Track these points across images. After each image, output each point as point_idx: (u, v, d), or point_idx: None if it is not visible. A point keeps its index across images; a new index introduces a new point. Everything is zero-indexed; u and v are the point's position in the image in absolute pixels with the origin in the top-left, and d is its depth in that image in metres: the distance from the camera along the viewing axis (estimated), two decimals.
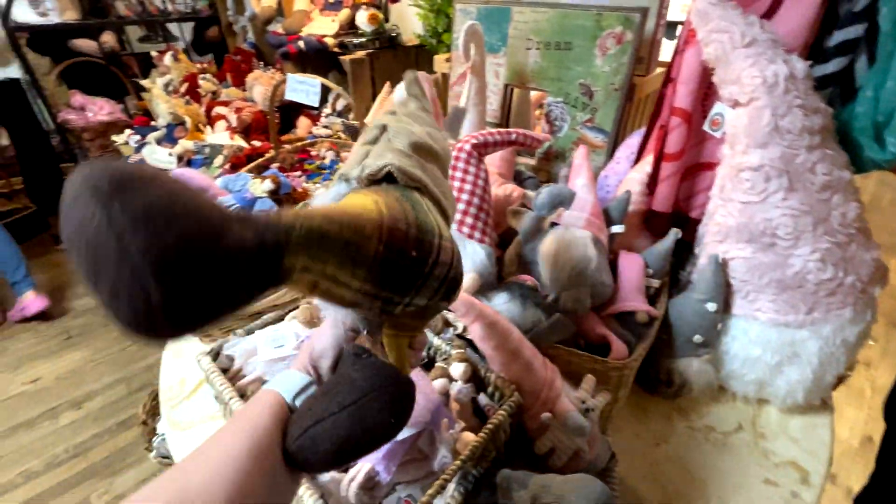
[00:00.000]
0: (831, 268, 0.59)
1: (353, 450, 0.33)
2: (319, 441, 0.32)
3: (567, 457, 0.52)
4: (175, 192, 0.23)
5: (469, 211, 0.68)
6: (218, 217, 0.24)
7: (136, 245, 0.21)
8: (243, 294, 0.27)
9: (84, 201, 0.22)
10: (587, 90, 0.98)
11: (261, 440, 0.32)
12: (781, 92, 0.55)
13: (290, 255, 0.27)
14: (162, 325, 0.23)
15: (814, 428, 0.68)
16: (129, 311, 0.22)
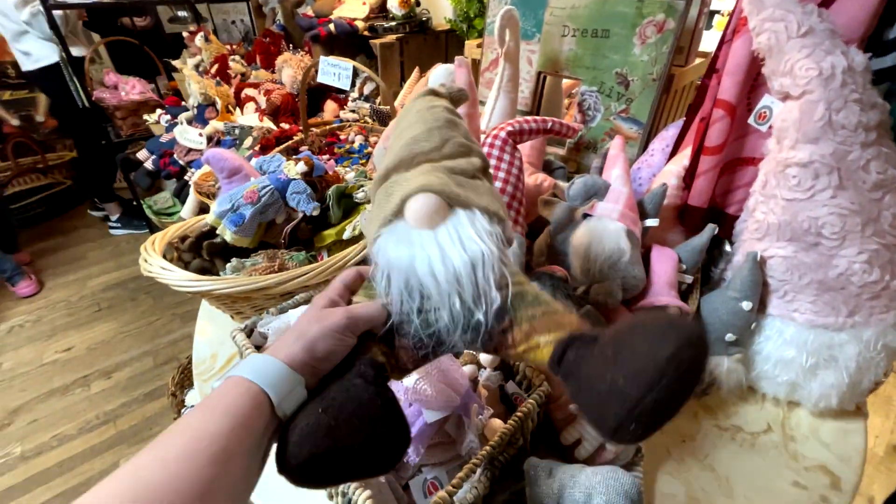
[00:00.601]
0: (878, 270, 0.57)
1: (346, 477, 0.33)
2: (327, 469, 0.31)
3: (593, 448, 0.53)
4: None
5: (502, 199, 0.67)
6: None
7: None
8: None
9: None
10: (623, 80, 0.96)
11: (236, 446, 0.29)
12: (838, 85, 0.53)
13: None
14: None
15: (846, 434, 0.66)
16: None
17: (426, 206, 0.36)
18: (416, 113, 0.43)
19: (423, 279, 0.35)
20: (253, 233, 0.76)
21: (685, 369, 0.27)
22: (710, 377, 0.67)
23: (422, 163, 0.40)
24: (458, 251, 0.35)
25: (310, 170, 0.76)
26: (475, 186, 0.40)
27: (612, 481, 0.45)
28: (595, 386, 0.30)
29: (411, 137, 0.40)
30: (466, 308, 0.36)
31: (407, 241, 0.36)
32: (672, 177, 0.77)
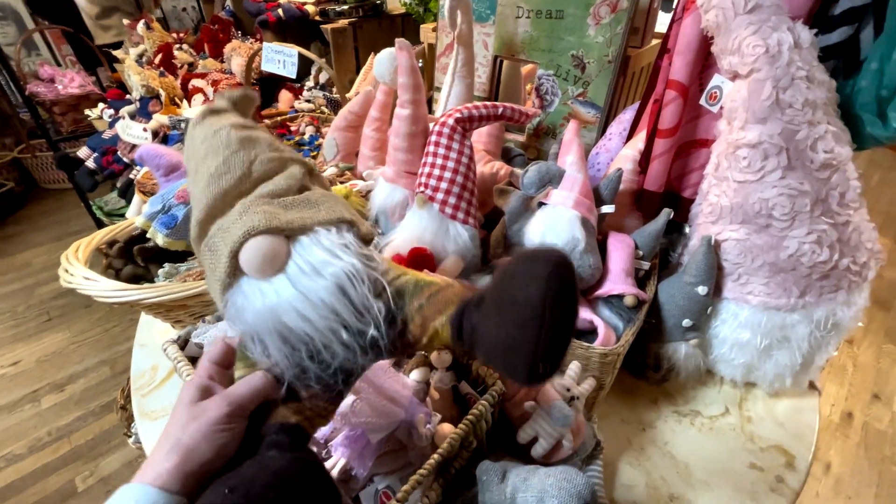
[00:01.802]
0: (827, 250, 0.57)
1: None
2: None
3: (550, 445, 0.51)
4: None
5: (452, 190, 0.64)
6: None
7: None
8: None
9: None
10: (579, 62, 0.93)
11: None
12: (785, 63, 0.52)
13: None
14: None
15: (800, 412, 0.67)
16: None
17: (260, 250, 0.32)
18: (201, 143, 0.36)
19: (297, 329, 0.32)
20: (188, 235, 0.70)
21: (560, 299, 0.27)
22: (669, 363, 0.67)
23: (235, 199, 0.34)
24: (319, 280, 0.32)
25: None
26: (306, 201, 0.35)
27: (565, 482, 0.43)
28: (494, 345, 0.30)
29: (209, 175, 0.34)
30: (354, 331, 0.33)
31: (259, 296, 0.32)
32: (627, 161, 0.75)
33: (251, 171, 0.35)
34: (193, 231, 0.35)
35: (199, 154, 0.36)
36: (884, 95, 0.59)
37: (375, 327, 0.33)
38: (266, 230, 0.32)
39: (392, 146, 0.69)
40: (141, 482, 0.29)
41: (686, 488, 0.57)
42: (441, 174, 0.64)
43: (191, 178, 0.36)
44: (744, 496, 0.57)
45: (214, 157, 0.34)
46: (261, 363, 0.35)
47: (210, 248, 0.33)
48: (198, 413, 0.31)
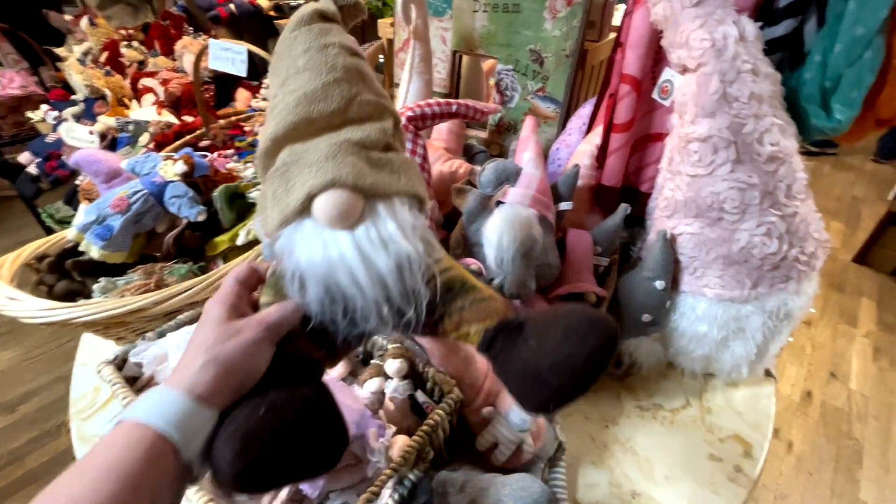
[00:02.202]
0: (776, 241, 0.58)
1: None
2: (272, 472, 0.28)
3: (510, 452, 0.50)
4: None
5: None
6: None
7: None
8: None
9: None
10: (537, 57, 0.92)
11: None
12: (730, 56, 0.52)
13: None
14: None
15: (757, 399, 0.68)
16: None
17: (339, 205, 0.31)
18: (303, 52, 0.33)
19: (346, 289, 0.32)
20: (128, 246, 0.66)
21: (599, 364, 0.30)
22: (630, 359, 0.67)
23: (322, 130, 0.33)
24: (382, 255, 0.32)
25: (190, 169, 0.67)
26: (390, 164, 0.34)
27: (522, 492, 0.42)
28: (521, 372, 0.32)
29: (303, 94, 0.32)
30: (395, 309, 0.33)
31: (320, 243, 0.32)
32: (585, 157, 0.75)
33: (348, 108, 0.33)
34: (264, 144, 0.33)
35: (295, 62, 0.33)
36: (827, 87, 0.60)
37: (416, 312, 0.33)
38: (351, 185, 0.31)
39: None
40: (176, 389, 0.28)
41: (648, 484, 0.58)
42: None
43: (275, 81, 0.34)
44: (704, 489, 0.57)
45: (315, 76, 0.33)
46: (292, 297, 0.34)
47: (282, 176, 0.32)
48: (234, 332, 0.31)
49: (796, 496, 1.41)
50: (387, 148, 0.35)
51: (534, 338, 0.32)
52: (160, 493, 0.26)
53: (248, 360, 0.31)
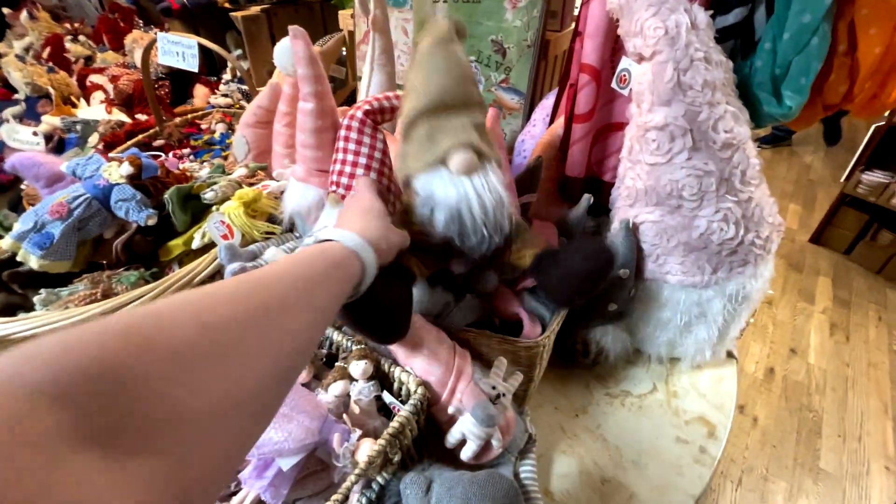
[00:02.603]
0: (733, 227, 0.59)
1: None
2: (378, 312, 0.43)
3: (478, 447, 0.49)
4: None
5: None
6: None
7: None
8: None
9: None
10: (500, 47, 0.91)
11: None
12: (683, 44, 0.52)
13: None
14: None
15: (720, 381, 0.70)
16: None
17: (469, 160, 0.46)
18: (444, 59, 0.48)
19: (464, 216, 0.48)
20: (72, 255, 0.62)
21: (602, 273, 0.53)
22: (598, 347, 0.68)
23: (451, 113, 0.48)
24: (489, 196, 0.48)
25: (137, 171, 0.63)
26: (487, 139, 0.50)
27: (490, 488, 0.42)
28: (556, 279, 0.52)
29: (442, 87, 0.47)
30: (490, 232, 0.49)
31: (451, 185, 0.47)
32: (549, 148, 0.75)
33: (468, 101, 0.49)
34: (408, 115, 0.49)
35: (439, 63, 0.47)
36: (777, 74, 0.61)
37: (501, 237, 0.50)
38: (476, 148, 0.47)
39: (299, 143, 0.64)
40: (362, 236, 0.39)
41: (617, 470, 0.58)
42: (353, 171, 0.60)
43: (421, 77, 0.48)
44: (670, 471, 0.58)
45: (451, 76, 0.47)
46: (421, 223, 0.51)
47: (429, 136, 0.48)
48: (392, 230, 0.45)
49: (761, 468, 1.48)
50: (483, 128, 0.51)
51: (564, 259, 0.51)
52: (345, 292, 0.35)
53: (392, 254, 0.44)
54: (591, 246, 0.53)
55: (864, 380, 1.76)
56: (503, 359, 0.54)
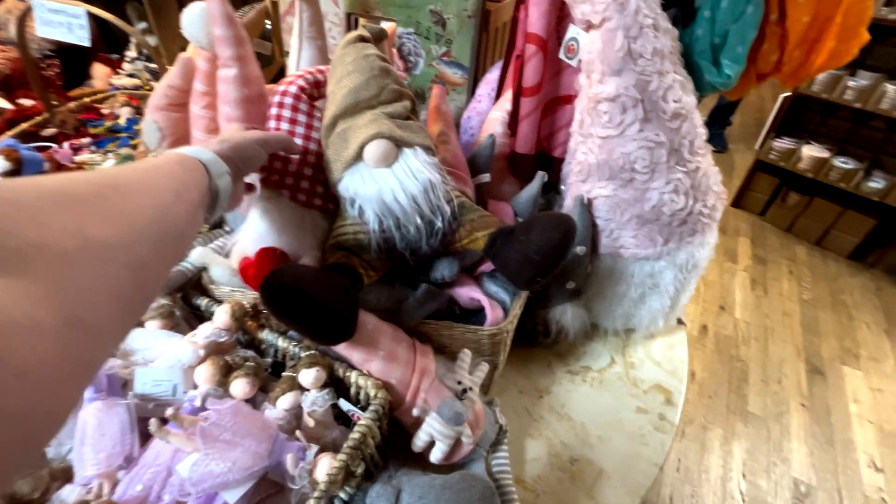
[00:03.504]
0: (682, 197, 0.59)
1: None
2: (291, 302, 0.42)
3: (449, 447, 0.47)
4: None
5: (304, 172, 0.54)
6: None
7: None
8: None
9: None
10: (439, 18, 0.86)
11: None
12: (633, 10, 0.50)
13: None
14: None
15: (672, 347, 0.73)
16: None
17: (381, 150, 0.46)
18: (352, 61, 0.49)
19: (391, 206, 0.46)
20: None
21: (565, 245, 0.46)
22: (558, 326, 0.67)
23: (364, 109, 0.48)
24: (412, 181, 0.46)
25: (17, 166, 0.52)
26: (410, 127, 0.49)
27: (464, 493, 0.39)
28: (515, 259, 0.47)
29: (353, 86, 0.48)
30: (427, 221, 0.48)
31: (370, 178, 0.46)
32: (497, 124, 0.72)
33: (381, 93, 0.48)
34: (327, 121, 0.49)
35: (346, 68, 0.49)
36: (716, 43, 0.62)
37: (442, 221, 0.48)
38: (388, 136, 0.46)
39: (223, 117, 0.56)
40: (199, 147, 0.37)
41: (585, 448, 0.58)
42: (287, 154, 0.53)
43: (333, 82, 0.50)
44: (634, 442, 0.59)
45: (360, 74, 0.48)
46: (352, 223, 0.50)
47: (342, 138, 0.48)
48: (243, 132, 0.44)
49: (700, 418, 1.60)
50: (407, 118, 0.50)
51: (522, 235, 0.47)
52: (200, 192, 0.34)
53: (250, 149, 0.41)
54: (549, 219, 0.48)
55: (781, 328, 1.95)
56: (467, 350, 0.52)
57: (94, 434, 0.40)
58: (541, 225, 0.47)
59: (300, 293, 0.40)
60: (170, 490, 0.39)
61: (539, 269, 0.46)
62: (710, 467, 1.47)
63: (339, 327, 0.44)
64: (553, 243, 0.45)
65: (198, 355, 0.47)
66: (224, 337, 0.49)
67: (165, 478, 0.40)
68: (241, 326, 0.51)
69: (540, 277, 0.47)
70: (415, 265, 0.55)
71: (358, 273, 0.49)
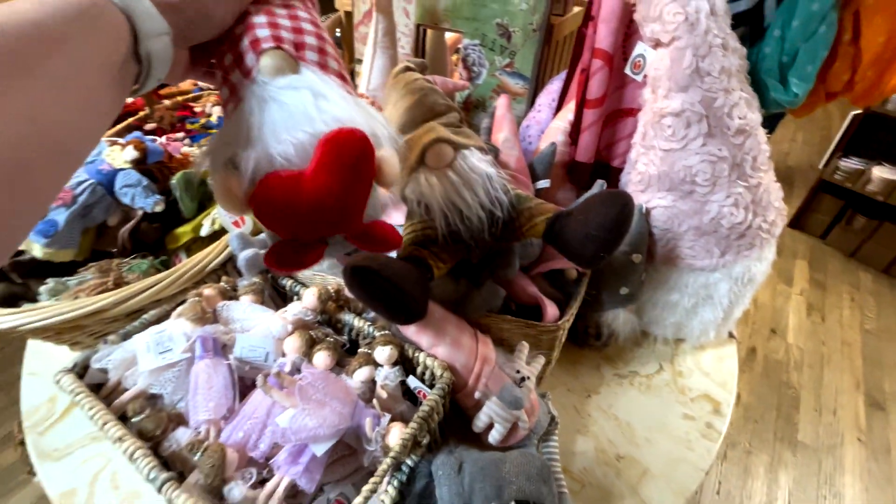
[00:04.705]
0: (742, 211, 0.61)
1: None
2: (374, 284, 0.46)
3: (506, 430, 0.50)
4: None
5: (325, 42, 0.60)
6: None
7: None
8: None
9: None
10: (505, 31, 0.90)
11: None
12: (703, 30, 0.52)
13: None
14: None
15: (722, 360, 0.73)
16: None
17: (441, 152, 0.50)
18: (404, 86, 0.55)
19: (454, 200, 0.49)
20: (76, 243, 0.60)
21: (624, 219, 0.47)
22: (609, 330, 0.69)
23: (420, 123, 0.53)
24: (473, 176, 0.50)
25: (142, 155, 0.61)
26: (463, 132, 0.54)
27: (524, 467, 0.43)
28: (576, 238, 0.48)
29: (408, 106, 0.53)
30: (488, 211, 0.51)
31: (434, 178, 0.50)
32: (558, 133, 0.75)
33: (433, 108, 0.54)
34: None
35: (400, 92, 0.54)
36: (785, 61, 0.62)
37: (501, 210, 0.51)
38: (446, 140, 0.50)
39: None
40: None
41: (630, 447, 0.61)
42: (299, 24, 0.36)
43: (390, 106, 0.55)
44: (680, 446, 0.61)
45: (412, 95, 0.53)
46: (420, 220, 0.54)
47: (404, 149, 0.49)
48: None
49: (745, 443, 1.55)
50: (458, 127, 0.55)
51: (580, 215, 0.49)
52: (115, 57, 0.24)
53: (211, 4, 0.30)
54: (606, 196, 0.48)
55: (839, 357, 1.85)
56: (525, 343, 0.55)
57: (204, 386, 0.47)
58: (598, 202, 0.49)
59: (379, 276, 0.44)
60: (265, 439, 0.45)
61: (601, 244, 0.47)
62: (752, 493, 1.42)
63: (412, 308, 0.48)
64: (612, 217, 0.46)
65: (286, 329, 0.53)
66: (310, 316, 0.55)
67: (261, 429, 0.46)
68: (323, 308, 0.57)
69: (603, 253, 0.48)
70: (477, 263, 0.59)
71: (428, 264, 0.53)
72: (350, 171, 0.30)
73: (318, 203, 0.30)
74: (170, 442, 0.46)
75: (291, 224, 0.32)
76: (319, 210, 0.31)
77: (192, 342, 0.50)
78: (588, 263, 0.51)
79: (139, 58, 0.26)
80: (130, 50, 0.25)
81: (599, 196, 0.50)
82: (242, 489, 0.43)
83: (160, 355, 0.49)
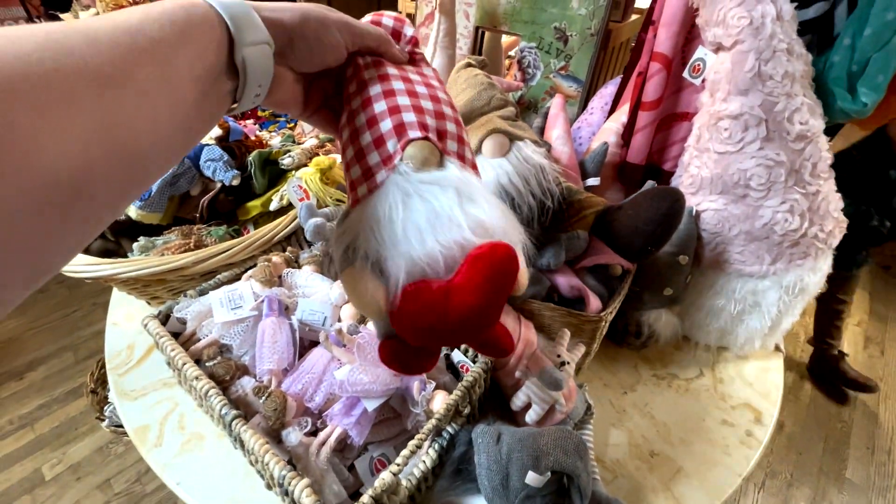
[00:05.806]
0: (797, 219, 0.60)
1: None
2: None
3: (543, 411, 0.52)
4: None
5: (461, 131, 0.64)
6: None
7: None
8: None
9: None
10: (562, 35, 0.93)
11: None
12: (767, 35, 0.53)
13: None
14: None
15: (767, 371, 0.72)
16: None
17: (497, 142, 0.53)
18: (464, 81, 0.60)
19: (507, 188, 0.51)
20: (163, 207, 0.67)
21: (673, 214, 0.50)
22: (650, 330, 0.70)
23: (478, 115, 0.56)
24: (526, 166, 0.52)
25: (225, 134, 0.68)
26: (519, 125, 0.56)
27: (561, 441, 0.45)
28: (624, 230, 0.52)
29: (468, 99, 0.57)
30: (539, 201, 0.53)
31: (489, 167, 0.52)
32: (611, 134, 0.76)
33: (490, 101, 0.57)
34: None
35: (461, 86, 0.59)
36: (854, 71, 0.61)
37: (552, 201, 0.53)
38: (502, 131, 0.53)
39: None
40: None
41: (665, 445, 0.61)
42: (441, 108, 0.33)
43: (452, 94, 0.53)
44: (717, 450, 0.60)
45: (472, 90, 0.58)
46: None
47: (467, 135, 0.54)
48: (326, 8, 0.30)
49: (786, 473, 1.47)
50: (515, 120, 0.57)
51: (629, 209, 0.52)
52: (210, 66, 0.23)
53: (321, 28, 0.29)
54: (656, 191, 0.52)
55: None
56: (567, 330, 0.57)
57: (269, 340, 0.52)
58: (649, 197, 0.51)
59: None
60: (321, 393, 0.49)
61: (649, 238, 0.50)
62: None
63: None
64: (661, 211, 0.49)
65: (343, 297, 0.58)
66: None
67: (318, 384, 0.50)
68: None
69: (651, 247, 0.51)
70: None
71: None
72: (499, 289, 0.28)
73: (464, 320, 0.28)
74: (236, 388, 0.51)
75: (432, 337, 0.30)
76: (463, 327, 0.28)
77: (260, 301, 0.55)
78: (635, 256, 0.54)
79: (236, 69, 0.25)
80: (225, 59, 0.24)
81: (650, 192, 0.53)
82: (298, 435, 0.47)
83: (232, 311, 0.55)
